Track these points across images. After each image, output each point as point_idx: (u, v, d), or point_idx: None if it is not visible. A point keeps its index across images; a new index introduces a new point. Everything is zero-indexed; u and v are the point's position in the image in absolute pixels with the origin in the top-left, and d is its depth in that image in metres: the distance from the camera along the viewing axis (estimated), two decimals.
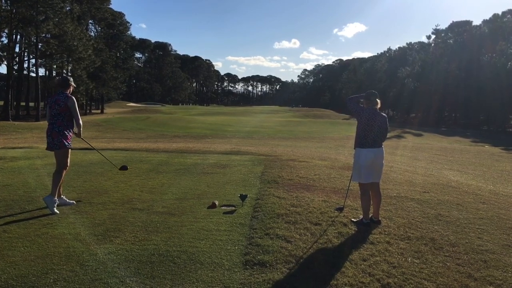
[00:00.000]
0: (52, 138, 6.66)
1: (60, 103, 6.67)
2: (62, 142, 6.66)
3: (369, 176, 6.14)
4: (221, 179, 9.09)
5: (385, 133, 6.33)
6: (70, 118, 6.79)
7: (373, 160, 6.13)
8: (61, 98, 6.70)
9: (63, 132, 6.68)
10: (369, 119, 6.17)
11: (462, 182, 10.68)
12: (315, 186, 8.47)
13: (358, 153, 6.23)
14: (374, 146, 6.16)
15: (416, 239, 5.51)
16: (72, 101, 6.74)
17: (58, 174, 6.65)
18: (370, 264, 4.58)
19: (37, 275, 4.07)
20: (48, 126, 6.83)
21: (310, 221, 5.97)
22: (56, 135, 6.65)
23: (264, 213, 6.29)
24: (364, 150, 6.16)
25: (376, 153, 6.17)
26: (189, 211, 6.45)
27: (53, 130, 6.68)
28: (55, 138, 6.65)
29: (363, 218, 6.11)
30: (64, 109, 6.68)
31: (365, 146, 6.16)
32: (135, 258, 4.54)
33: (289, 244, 4.99)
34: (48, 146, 6.77)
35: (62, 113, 6.69)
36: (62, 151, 6.70)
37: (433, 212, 6.91)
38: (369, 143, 6.15)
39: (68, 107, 6.68)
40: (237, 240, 5.16)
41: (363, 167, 6.13)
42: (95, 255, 4.58)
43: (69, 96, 6.78)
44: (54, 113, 6.70)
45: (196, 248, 4.85)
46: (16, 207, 6.49)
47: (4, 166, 10.34)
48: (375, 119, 6.17)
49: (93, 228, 5.51)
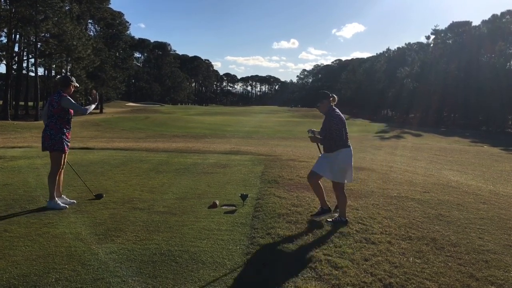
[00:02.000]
0: (44, 140, 6.57)
1: (53, 103, 6.47)
2: (53, 145, 6.53)
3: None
4: (221, 179, 9.09)
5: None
6: (65, 120, 6.60)
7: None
8: (55, 98, 6.50)
9: (56, 136, 6.52)
10: (341, 117, 6.06)
11: (462, 182, 10.68)
12: None
13: (347, 153, 6.07)
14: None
15: (418, 239, 5.50)
16: (66, 100, 6.47)
17: (51, 176, 6.59)
18: (372, 264, 4.58)
19: (38, 275, 4.06)
20: (44, 127, 6.69)
21: (311, 221, 5.97)
22: (47, 138, 6.53)
23: (265, 212, 6.29)
24: (350, 148, 6.12)
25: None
26: (190, 211, 6.45)
27: (45, 133, 6.56)
28: (47, 142, 6.54)
29: (341, 216, 6.09)
30: (58, 110, 6.48)
31: (348, 144, 6.12)
32: (136, 257, 4.53)
33: (290, 244, 4.99)
34: (42, 147, 6.69)
35: (56, 115, 6.51)
36: (53, 154, 6.60)
37: (434, 212, 6.91)
38: (347, 140, 6.13)
39: (62, 108, 6.47)
40: (238, 239, 5.16)
41: (350, 166, 6.13)
42: (96, 255, 4.57)
43: (62, 95, 6.52)
44: (50, 115, 6.53)
45: (197, 248, 4.84)
46: (16, 207, 6.48)
47: (4, 166, 10.32)
48: (342, 116, 6.12)
49: (94, 228, 5.50)
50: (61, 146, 6.58)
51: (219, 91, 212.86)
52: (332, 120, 5.97)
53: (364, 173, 10.60)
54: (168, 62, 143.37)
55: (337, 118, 5.97)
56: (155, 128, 40.20)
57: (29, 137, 30.49)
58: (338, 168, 6.04)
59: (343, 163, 6.04)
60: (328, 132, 6.02)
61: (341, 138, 5.95)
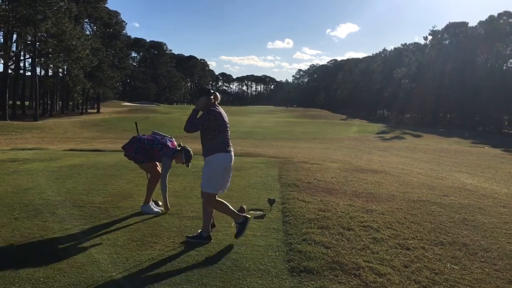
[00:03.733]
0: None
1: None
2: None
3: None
4: (241, 182, 9.10)
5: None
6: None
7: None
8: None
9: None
10: (224, 116, 5.41)
11: (477, 185, 10.76)
12: (336, 189, 8.50)
13: (225, 158, 5.37)
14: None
15: (449, 244, 5.55)
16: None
17: (160, 182, 6.74)
18: (413, 271, 4.61)
19: (88, 283, 4.07)
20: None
21: (342, 226, 6.00)
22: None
23: (294, 218, 6.31)
24: (230, 153, 5.48)
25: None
26: (219, 216, 6.45)
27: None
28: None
29: (202, 231, 5.44)
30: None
31: (230, 149, 5.48)
32: (180, 265, 4.55)
33: (329, 250, 5.01)
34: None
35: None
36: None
37: (458, 217, 6.96)
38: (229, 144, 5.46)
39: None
40: (275, 246, 5.18)
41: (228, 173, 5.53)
42: (139, 262, 4.59)
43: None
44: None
45: (238, 254, 4.87)
46: (46, 212, 6.46)
47: (19, 169, 10.29)
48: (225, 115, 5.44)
49: (129, 234, 5.51)
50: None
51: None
52: (215, 121, 5.28)
53: (379, 175, 10.64)
54: (164, 62, 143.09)
55: (222, 118, 5.33)
56: (155, 128, 39.59)
57: (31, 138, 30.37)
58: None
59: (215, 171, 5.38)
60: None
61: (222, 140, 5.38)
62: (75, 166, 10.68)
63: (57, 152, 13.95)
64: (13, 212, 6.38)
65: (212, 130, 5.26)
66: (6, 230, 5.55)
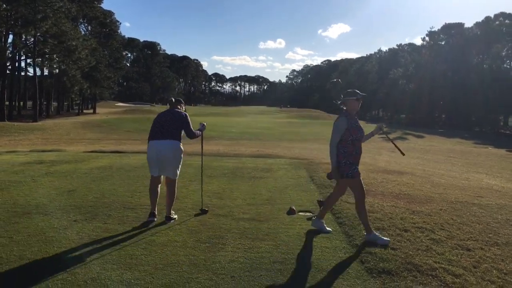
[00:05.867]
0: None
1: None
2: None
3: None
4: (276, 184, 9.19)
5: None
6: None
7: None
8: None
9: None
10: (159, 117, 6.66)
11: (503, 186, 10.92)
12: (372, 191, 8.60)
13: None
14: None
15: (504, 245, 5.66)
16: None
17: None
18: (483, 271, 4.71)
19: (178, 283, 4.12)
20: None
21: (397, 227, 6.09)
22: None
23: (347, 219, 6.41)
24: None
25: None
26: (273, 217, 6.54)
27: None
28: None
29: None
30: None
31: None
32: (259, 266, 4.60)
33: (397, 252, 5.10)
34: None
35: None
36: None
37: (501, 217, 7.08)
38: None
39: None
40: (342, 247, 5.26)
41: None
42: (219, 263, 4.64)
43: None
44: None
45: (310, 256, 4.94)
46: (101, 214, 6.49)
47: (50, 170, 10.29)
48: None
49: (195, 235, 5.56)
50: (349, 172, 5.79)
51: (207, 91, 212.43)
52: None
53: (408, 177, 10.77)
54: (157, 62, 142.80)
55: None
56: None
57: (35, 139, 30.23)
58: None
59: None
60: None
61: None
62: (104, 168, 10.71)
63: (79, 154, 13.93)
64: (69, 215, 6.40)
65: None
66: (71, 232, 5.58)
